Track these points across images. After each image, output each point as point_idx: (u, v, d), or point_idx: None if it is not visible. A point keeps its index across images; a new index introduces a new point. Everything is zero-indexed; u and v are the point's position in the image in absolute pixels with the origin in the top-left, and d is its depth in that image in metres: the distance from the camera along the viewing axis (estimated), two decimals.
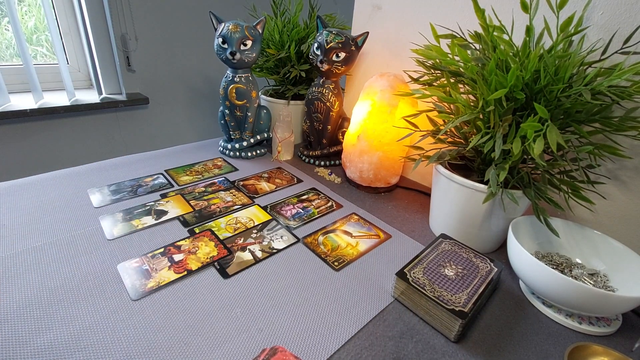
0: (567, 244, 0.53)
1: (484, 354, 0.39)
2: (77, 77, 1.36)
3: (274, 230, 0.57)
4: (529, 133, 0.41)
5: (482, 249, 0.57)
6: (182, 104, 1.58)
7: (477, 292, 0.43)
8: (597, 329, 0.43)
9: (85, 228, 0.53)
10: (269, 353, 0.35)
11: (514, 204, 0.50)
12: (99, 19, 1.24)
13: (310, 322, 0.41)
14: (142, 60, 1.37)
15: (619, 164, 0.52)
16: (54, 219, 0.54)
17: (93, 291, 0.42)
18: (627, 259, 0.47)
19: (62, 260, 0.46)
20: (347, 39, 0.71)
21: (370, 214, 0.65)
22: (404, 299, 0.45)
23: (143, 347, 0.36)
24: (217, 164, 0.79)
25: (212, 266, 0.48)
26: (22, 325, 0.37)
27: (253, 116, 0.80)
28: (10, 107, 1.10)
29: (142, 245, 0.51)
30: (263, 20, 0.73)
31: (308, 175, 0.78)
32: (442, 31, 0.55)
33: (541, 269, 0.42)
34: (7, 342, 0.35)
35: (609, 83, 0.40)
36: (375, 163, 0.68)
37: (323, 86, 0.76)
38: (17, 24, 1.05)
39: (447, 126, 0.51)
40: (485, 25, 0.48)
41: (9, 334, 0.36)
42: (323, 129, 0.81)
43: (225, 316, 0.41)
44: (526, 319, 0.45)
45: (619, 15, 0.48)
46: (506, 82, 0.43)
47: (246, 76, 0.76)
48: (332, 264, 0.51)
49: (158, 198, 0.63)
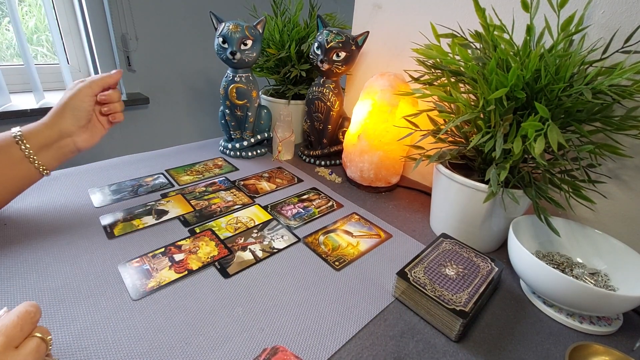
0: (568, 244, 0.53)
1: (484, 354, 0.39)
2: (78, 77, 1.35)
3: (275, 230, 0.57)
4: (529, 132, 0.41)
5: (483, 249, 0.57)
6: (183, 103, 1.58)
7: (477, 291, 0.43)
8: (598, 328, 0.43)
9: (86, 228, 0.53)
10: (270, 352, 0.35)
11: (514, 204, 0.50)
12: (100, 18, 1.24)
13: (311, 321, 0.41)
14: (142, 60, 1.37)
15: (619, 163, 0.52)
16: (54, 219, 0.54)
17: (94, 291, 0.42)
18: (628, 258, 0.47)
19: (62, 260, 0.46)
20: (347, 38, 0.71)
21: (370, 213, 0.65)
22: (405, 298, 0.45)
23: (144, 347, 0.36)
24: (217, 164, 0.79)
25: (212, 266, 0.48)
26: None
27: (253, 116, 0.80)
28: (12, 107, 1.11)
29: (142, 245, 0.51)
30: (263, 20, 0.73)
31: (308, 174, 0.78)
32: (442, 30, 0.55)
33: (542, 268, 0.42)
34: None
35: (609, 82, 0.40)
36: (375, 163, 0.68)
37: (323, 86, 0.76)
38: (18, 24, 1.05)
39: (448, 125, 0.51)
40: (485, 25, 0.48)
41: None
42: (323, 129, 0.81)
43: (226, 316, 0.41)
44: (527, 319, 0.45)
45: (620, 14, 0.47)
46: (507, 81, 0.43)
47: (246, 76, 0.76)
48: (332, 263, 0.51)
49: (159, 198, 0.63)
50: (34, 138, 0.49)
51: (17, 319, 0.27)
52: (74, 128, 0.51)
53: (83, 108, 0.52)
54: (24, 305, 0.28)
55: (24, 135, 0.48)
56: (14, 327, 0.26)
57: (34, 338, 0.28)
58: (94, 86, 0.53)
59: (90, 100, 0.52)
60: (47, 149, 0.50)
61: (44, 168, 0.50)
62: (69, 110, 0.51)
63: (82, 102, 0.52)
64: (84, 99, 0.52)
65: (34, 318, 0.28)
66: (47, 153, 0.50)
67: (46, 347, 0.29)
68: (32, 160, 0.48)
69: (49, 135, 0.50)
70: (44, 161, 0.50)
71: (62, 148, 0.52)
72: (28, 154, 0.48)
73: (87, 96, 0.52)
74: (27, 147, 0.48)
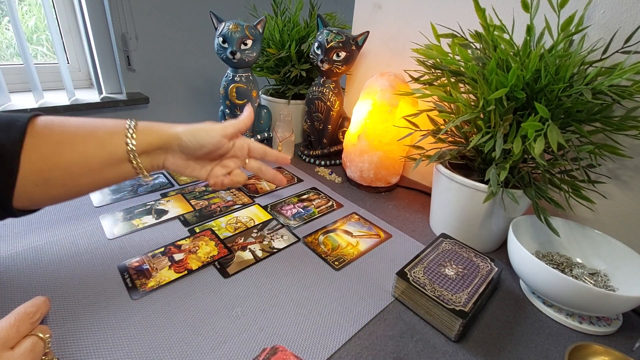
0: (568, 244, 0.53)
1: (484, 354, 0.39)
2: (78, 77, 1.36)
3: (275, 230, 0.57)
4: (529, 132, 0.41)
5: (483, 249, 0.57)
6: (183, 103, 1.58)
7: (477, 291, 0.43)
8: (598, 328, 0.43)
9: (86, 227, 0.53)
10: (270, 352, 0.35)
11: (514, 204, 0.50)
12: (99, 18, 1.24)
13: (311, 321, 0.41)
14: (142, 59, 1.37)
15: (619, 164, 0.52)
16: (54, 218, 0.54)
17: (93, 290, 0.42)
18: (628, 258, 0.47)
19: (62, 259, 0.46)
20: (347, 38, 0.71)
21: (370, 213, 0.65)
22: (405, 298, 0.45)
23: (143, 347, 0.36)
24: None
25: (212, 265, 0.48)
26: None
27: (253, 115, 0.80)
28: (11, 106, 1.10)
29: (142, 244, 0.51)
30: (263, 19, 0.73)
31: (308, 174, 0.78)
32: (442, 30, 0.55)
33: (542, 268, 0.42)
34: None
35: (609, 82, 0.40)
36: (375, 162, 0.68)
37: (323, 85, 0.76)
38: (18, 23, 1.05)
39: (448, 126, 0.51)
40: (485, 25, 0.48)
41: None
42: (323, 129, 0.81)
43: (225, 315, 0.41)
44: (526, 319, 0.45)
45: (620, 15, 0.47)
46: (507, 81, 0.43)
47: (246, 75, 0.76)
48: (332, 263, 0.51)
49: (158, 197, 0.63)
50: (145, 141, 0.42)
51: (14, 320, 0.27)
52: (180, 147, 0.44)
53: (208, 138, 0.44)
54: (24, 305, 0.29)
55: (139, 133, 0.41)
56: (10, 328, 0.27)
57: (30, 337, 0.28)
58: (230, 127, 0.46)
59: (219, 136, 0.45)
60: (147, 155, 0.43)
61: (142, 170, 0.43)
62: (198, 130, 0.44)
63: (212, 131, 0.45)
64: (215, 132, 0.45)
65: (32, 318, 0.28)
66: (146, 158, 0.43)
67: (44, 346, 0.29)
68: (134, 165, 0.41)
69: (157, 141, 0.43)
70: (143, 164, 0.42)
71: (154, 157, 0.44)
72: (132, 158, 0.41)
73: (218, 132, 0.45)
74: (134, 151, 0.41)
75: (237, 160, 0.50)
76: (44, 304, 0.30)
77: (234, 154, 0.49)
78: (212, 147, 0.45)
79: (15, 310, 0.28)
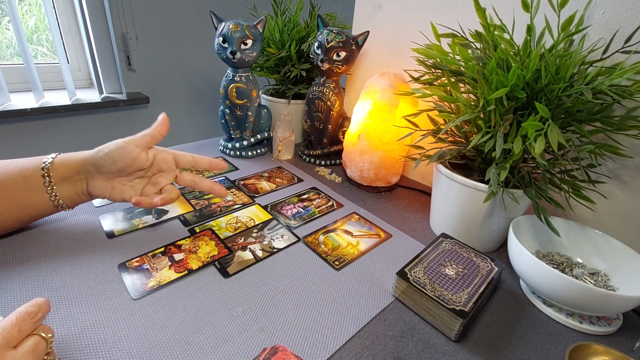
0: (568, 244, 0.53)
1: (484, 353, 0.39)
2: (78, 77, 1.36)
3: (275, 230, 0.57)
4: (529, 132, 0.41)
5: (483, 249, 0.57)
6: (183, 103, 1.58)
7: (477, 291, 0.43)
8: (598, 328, 0.43)
9: (86, 227, 0.53)
10: (270, 352, 0.35)
11: (514, 204, 0.50)
12: (100, 18, 1.24)
13: (311, 321, 0.41)
14: (142, 59, 1.37)
15: (619, 164, 0.52)
16: (53, 218, 0.54)
17: (93, 290, 0.42)
18: (628, 258, 0.47)
19: (62, 259, 0.46)
20: (347, 38, 0.71)
21: (370, 213, 0.65)
22: (405, 298, 0.45)
23: (144, 346, 0.36)
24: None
25: (212, 265, 0.48)
26: None
27: (253, 115, 0.80)
28: (11, 106, 1.11)
29: (142, 244, 0.51)
30: (263, 19, 0.73)
31: (308, 174, 0.78)
32: (442, 30, 0.55)
33: (542, 268, 0.42)
34: None
35: (609, 82, 0.40)
36: (375, 162, 0.68)
37: (324, 85, 0.76)
38: (18, 23, 1.05)
39: (448, 125, 0.51)
40: (486, 25, 0.48)
41: None
42: (324, 128, 0.81)
43: (225, 315, 0.41)
44: (527, 319, 0.45)
45: (620, 14, 0.47)
46: (507, 81, 0.43)
47: (246, 75, 0.76)
48: (332, 263, 0.51)
49: None
50: (62, 166, 0.43)
51: (16, 319, 0.27)
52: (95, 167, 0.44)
53: (118, 151, 0.44)
54: (25, 305, 0.29)
55: (56, 161, 0.43)
56: (12, 327, 0.27)
57: (32, 337, 0.28)
58: (140, 136, 0.46)
59: (129, 147, 0.45)
60: (67, 181, 0.44)
61: (59, 200, 0.44)
62: (107, 145, 0.44)
63: (121, 143, 0.44)
64: (124, 143, 0.45)
65: (34, 318, 0.28)
66: (66, 185, 0.44)
67: (46, 346, 0.29)
68: (48, 191, 0.43)
69: (73, 165, 0.44)
70: (62, 194, 0.44)
71: (75, 183, 0.45)
72: (47, 183, 0.42)
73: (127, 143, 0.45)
74: (49, 176, 0.42)
75: (166, 175, 0.49)
76: (45, 304, 0.30)
77: (159, 169, 0.48)
78: (126, 160, 0.44)
79: (16, 310, 0.28)
